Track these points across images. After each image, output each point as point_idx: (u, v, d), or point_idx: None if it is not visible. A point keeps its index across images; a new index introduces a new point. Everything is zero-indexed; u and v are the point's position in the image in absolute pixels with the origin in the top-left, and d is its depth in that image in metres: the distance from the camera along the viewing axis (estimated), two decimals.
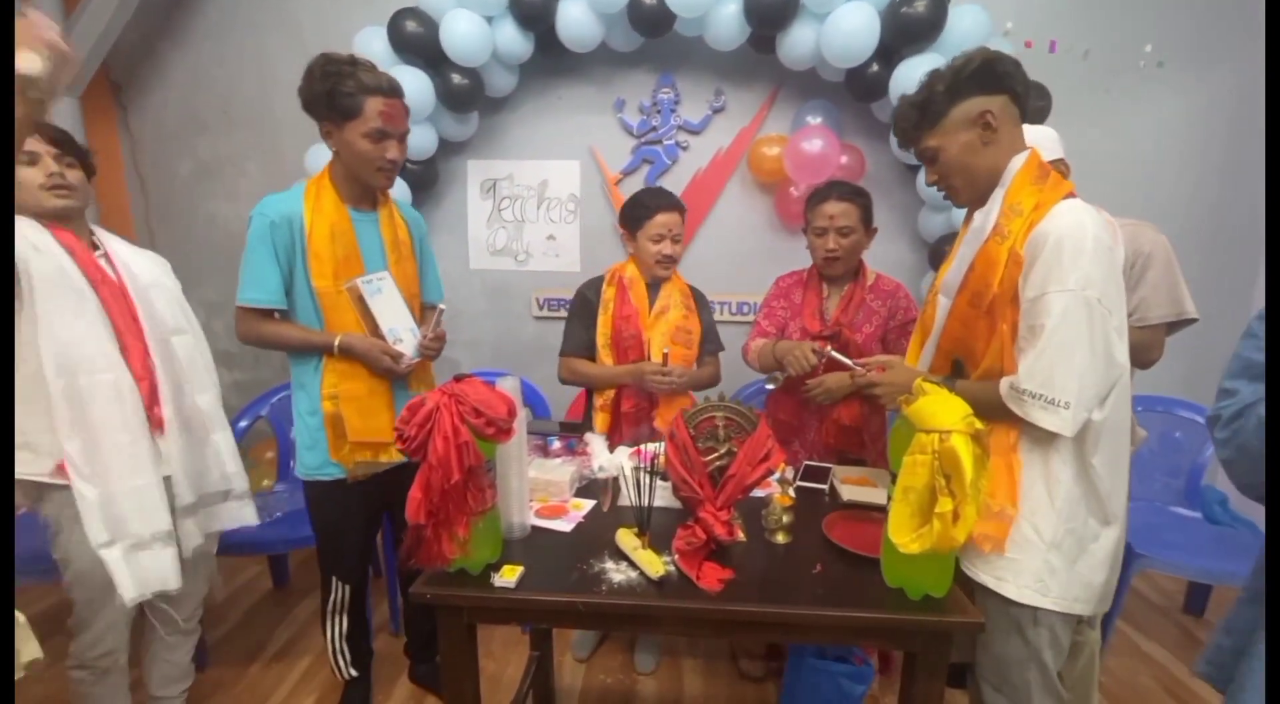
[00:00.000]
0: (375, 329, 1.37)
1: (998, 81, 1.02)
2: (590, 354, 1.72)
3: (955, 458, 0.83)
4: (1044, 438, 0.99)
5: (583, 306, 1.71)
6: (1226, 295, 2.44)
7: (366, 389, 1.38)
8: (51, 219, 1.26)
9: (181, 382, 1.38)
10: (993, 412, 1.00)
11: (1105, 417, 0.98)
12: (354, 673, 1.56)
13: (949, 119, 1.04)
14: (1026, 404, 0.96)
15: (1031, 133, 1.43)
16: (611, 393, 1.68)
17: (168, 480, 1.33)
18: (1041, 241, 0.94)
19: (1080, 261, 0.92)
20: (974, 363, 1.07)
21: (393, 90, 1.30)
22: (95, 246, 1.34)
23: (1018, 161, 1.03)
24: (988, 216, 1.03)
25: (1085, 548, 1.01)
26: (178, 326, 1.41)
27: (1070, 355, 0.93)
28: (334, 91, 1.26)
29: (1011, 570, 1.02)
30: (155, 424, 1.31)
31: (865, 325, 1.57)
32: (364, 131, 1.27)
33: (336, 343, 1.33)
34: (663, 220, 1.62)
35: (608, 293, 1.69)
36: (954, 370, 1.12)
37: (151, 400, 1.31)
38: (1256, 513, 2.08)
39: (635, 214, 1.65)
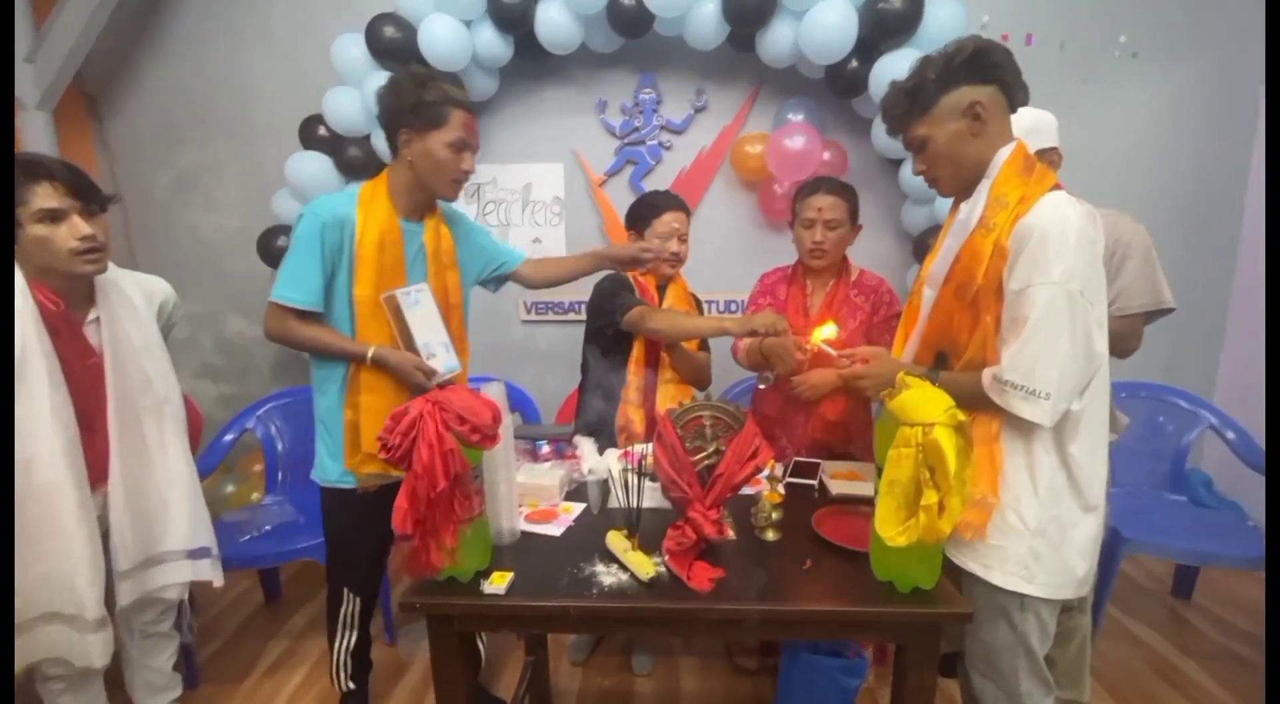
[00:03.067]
0: (410, 342, 1.35)
1: (988, 71, 1.02)
2: None
3: (939, 450, 0.84)
4: (1025, 427, 1.00)
5: (626, 283, 1.66)
6: (1202, 283, 2.48)
7: (387, 403, 1.33)
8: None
9: (149, 453, 1.33)
10: (975, 402, 1.01)
11: (1083, 406, 0.99)
12: (352, 686, 1.55)
13: (938, 108, 1.04)
14: (1008, 394, 0.97)
15: (1032, 117, 1.42)
16: (641, 387, 1.66)
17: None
18: (1026, 234, 0.95)
19: (1064, 254, 0.92)
20: (957, 354, 1.07)
21: (473, 106, 1.36)
22: (92, 302, 1.26)
23: (1004, 153, 1.03)
24: (973, 209, 1.03)
25: (1067, 534, 1.02)
26: (162, 394, 1.35)
27: (1052, 347, 0.93)
28: (421, 101, 1.28)
29: (997, 558, 1.03)
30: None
31: (850, 320, 1.58)
32: (447, 141, 1.30)
33: (370, 354, 1.31)
34: (671, 218, 1.64)
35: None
36: (937, 362, 1.12)
37: (100, 477, 1.27)
38: (1241, 495, 2.12)
39: (644, 212, 1.67)
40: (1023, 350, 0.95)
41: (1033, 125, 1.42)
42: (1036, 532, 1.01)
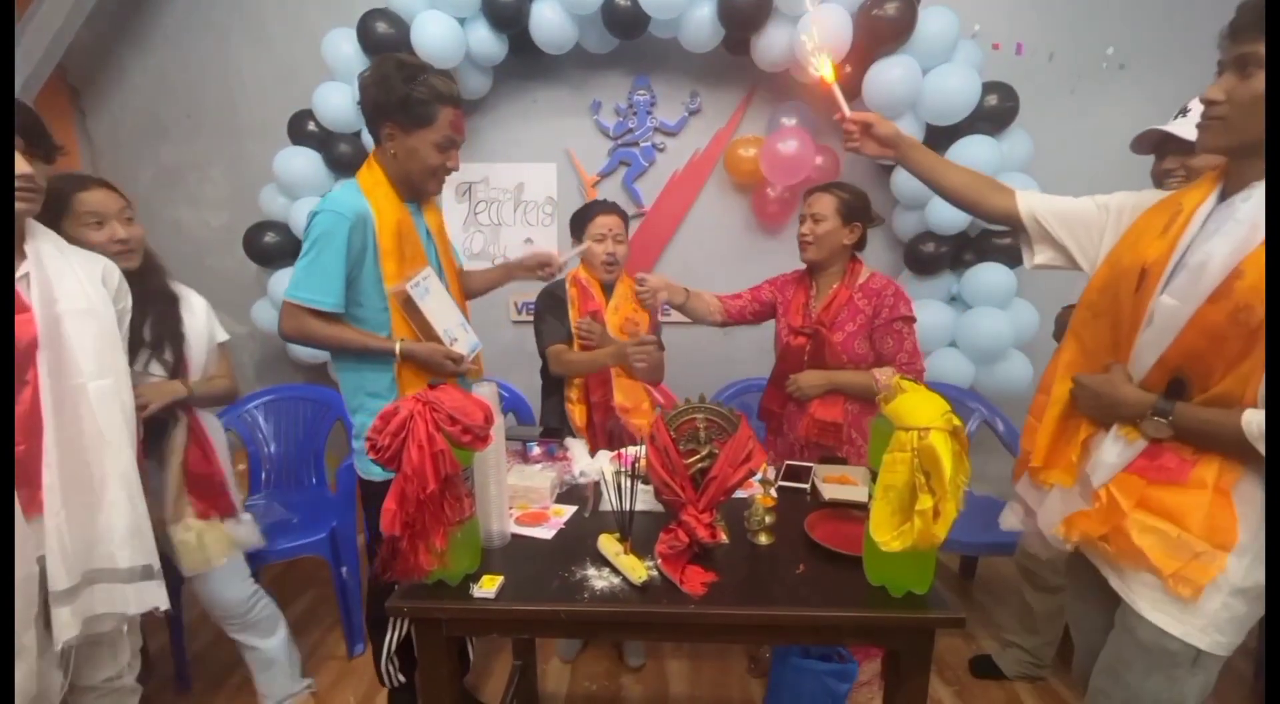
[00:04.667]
0: (430, 332, 1.33)
1: None
2: (569, 346, 1.76)
3: (934, 455, 0.83)
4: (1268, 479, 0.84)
5: (555, 303, 1.76)
6: None
7: None
8: None
9: (84, 440, 1.10)
10: (1222, 446, 0.87)
11: None
12: (403, 679, 1.54)
13: None
14: None
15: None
16: (580, 384, 1.74)
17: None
18: None
19: None
20: (1203, 386, 0.89)
21: (460, 100, 1.33)
22: (22, 255, 1.08)
23: None
24: (1263, 209, 0.83)
25: (1263, 596, 0.89)
26: (99, 369, 1.12)
27: None
28: (409, 97, 1.24)
29: (1178, 605, 0.90)
30: (32, 508, 1.04)
31: (849, 324, 1.58)
32: (434, 140, 1.28)
33: (399, 349, 1.30)
34: (603, 221, 1.72)
35: (572, 292, 1.75)
36: (1170, 389, 0.92)
37: (29, 477, 1.04)
38: None
39: (579, 219, 1.78)
40: None
41: None
42: (1238, 590, 0.88)
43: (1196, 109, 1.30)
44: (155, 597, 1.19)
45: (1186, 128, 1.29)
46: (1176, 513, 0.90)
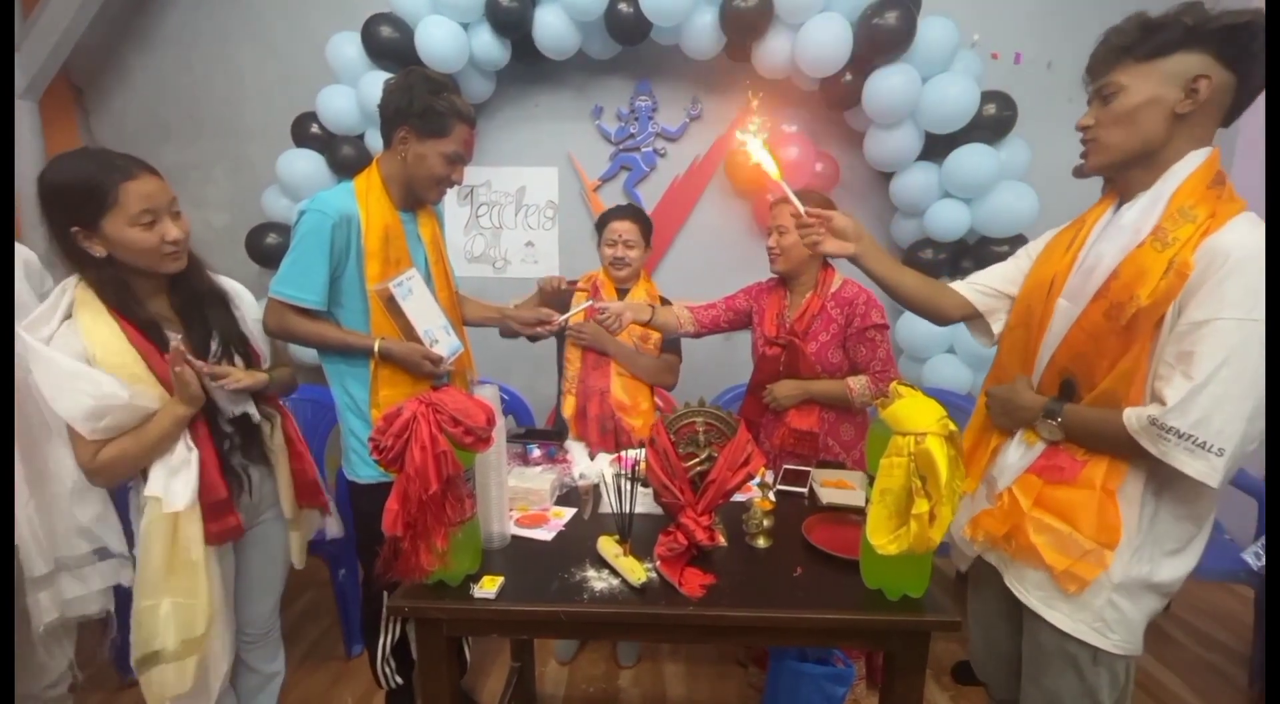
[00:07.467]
0: (410, 332, 1.35)
1: (1242, 58, 0.85)
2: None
3: (930, 459, 0.84)
4: (1163, 482, 0.89)
5: (557, 308, 1.75)
6: None
7: (407, 397, 1.34)
8: None
9: (38, 429, 1.16)
10: (1110, 445, 0.91)
11: None
12: (400, 681, 1.54)
13: (1161, 63, 0.87)
14: (1169, 444, 0.82)
15: None
16: (575, 375, 1.77)
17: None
18: (1220, 256, 0.81)
19: (1264, 288, 0.79)
20: (1089, 385, 0.94)
21: (474, 120, 1.38)
22: None
23: (1197, 157, 0.89)
24: (1145, 216, 0.90)
25: (1155, 587, 0.93)
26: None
27: (1239, 396, 0.80)
28: (430, 107, 1.29)
29: (1069, 603, 0.95)
30: None
31: (822, 333, 1.58)
32: (444, 152, 1.33)
33: (377, 347, 1.31)
34: (615, 226, 1.76)
35: (579, 297, 1.79)
36: (1062, 391, 0.97)
37: None
38: (1219, 511, 2.16)
39: (598, 223, 1.82)
40: (1200, 394, 0.80)
41: None
42: (1120, 586, 0.92)
43: None
44: (124, 575, 1.26)
45: None
46: (1068, 511, 0.94)
